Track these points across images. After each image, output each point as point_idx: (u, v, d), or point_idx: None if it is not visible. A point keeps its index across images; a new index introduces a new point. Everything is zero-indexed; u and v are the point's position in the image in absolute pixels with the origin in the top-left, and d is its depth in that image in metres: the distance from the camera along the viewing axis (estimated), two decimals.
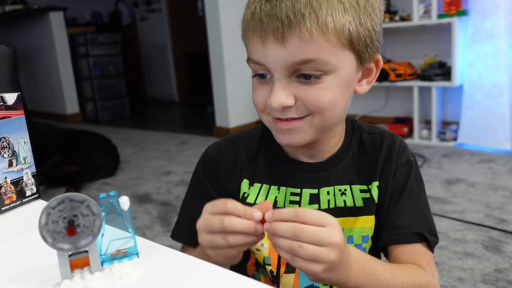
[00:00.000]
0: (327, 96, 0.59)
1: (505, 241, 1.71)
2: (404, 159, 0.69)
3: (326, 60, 0.57)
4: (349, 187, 0.68)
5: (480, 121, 2.90)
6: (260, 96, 0.62)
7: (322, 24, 0.55)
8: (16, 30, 5.47)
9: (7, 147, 0.72)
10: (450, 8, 2.90)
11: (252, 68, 0.62)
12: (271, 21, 0.55)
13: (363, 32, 0.58)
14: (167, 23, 6.39)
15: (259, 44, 0.58)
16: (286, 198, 0.69)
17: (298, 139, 0.62)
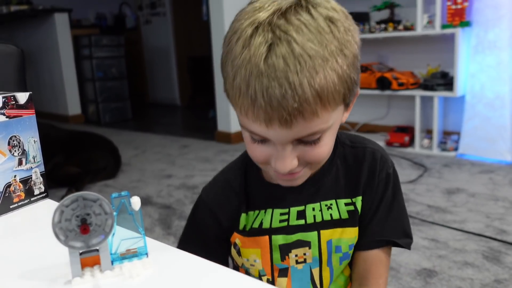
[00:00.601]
0: (326, 150, 0.62)
1: (505, 251, 1.71)
2: (384, 173, 0.74)
3: (326, 127, 0.59)
4: (334, 202, 0.73)
5: (481, 132, 2.91)
6: (260, 154, 0.62)
7: (324, 101, 0.55)
8: (21, 30, 5.50)
9: (18, 146, 0.73)
10: (453, 19, 2.92)
11: (246, 132, 0.62)
12: (277, 112, 0.54)
13: (351, 84, 0.59)
14: (171, 27, 6.42)
15: (262, 125, 0.57)
16: (275, 219, 0.73)
17: (299, 183, 0.66)
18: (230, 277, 0.49)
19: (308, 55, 0.53)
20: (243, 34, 0.56)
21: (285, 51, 0.53)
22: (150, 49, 6.77)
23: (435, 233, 1.90)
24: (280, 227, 0.73)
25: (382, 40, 3.53)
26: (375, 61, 3.56)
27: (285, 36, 0.54)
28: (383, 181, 0.73)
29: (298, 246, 0.73)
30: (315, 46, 0.54)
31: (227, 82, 0.59)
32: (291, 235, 0.73)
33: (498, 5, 2.74)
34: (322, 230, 0.72)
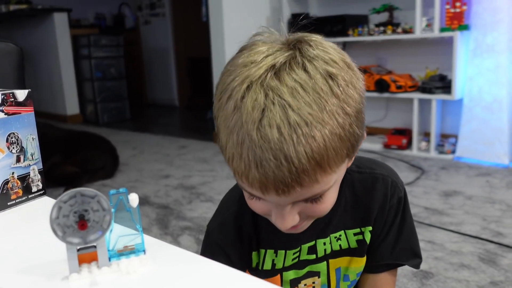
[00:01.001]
0: (328, 205, 0.59)
1: (501, 254, 1.72)
2: (395, 199, 0.71)
3: (328, 187, 0.55)
4: (343, 232, 0.71)
5: (478, 135, 2.92)
6: (260, 208, 0.60)
7: (324, 167, 0.51)
8: (20, 30, 5.50)
9: (16, 143, 0.73)
10: (452, 22, 2.93)
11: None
12: (272, 183, 0.51)
13: (354, 141, 0.54)
14: (170, 28, 6.42)
15: (258, 192, 0.54)
16: (288, 259, 0.71)
17: (299, 230, 0.63)
18: (227, 274, 0.50)
19: (305, 122, 0.49)
20: (234, 94, 0.53)
21: (279, 119, 0.49)
22: (149, 49, 6.77)
23: (432, 235, 1.90)
24: (292, 265, 0.72)
25: (380, 43, 3.55)
26: (374, 63, 3.56)
27: (279, 100, 0.49)
28: (394, 206, 0.71)
29: (308, 277, 0.73)
30: (312, 110, 0.49)
31: (221, 140, 0.55)
32: (302, 269, 0.72)
33: (497, 8, 2.75)
34: (331, 259, 0.72)
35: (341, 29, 3.44)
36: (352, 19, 3.47)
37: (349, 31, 3.43)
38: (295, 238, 0.68)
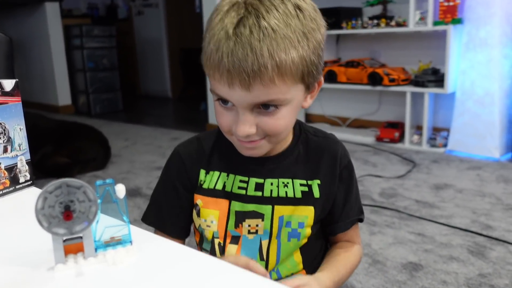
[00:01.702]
0: (283, 123, 0.69)
1: (490, 247, 1.73)
2: (346, 161, 0.81)
3: (284, 98, 0.66)
4: (291, 181, 0.78)
5: (470, 129, 2.93)
6: (225, 121, 0.70)
7: (282, 71, 0.63)
8: (11, 19, 5.43)
9: (3, 133, 0.73)
10: (445, 16, 2.94)
11: (215, 96, 0.70)
12: (238, 73, 0.62)
13: (311, 67, 0.67)
14: (163, 19, 6.38)
15: (225, 87, 0.65)
16: (235, 184, 0.78)
17: (258, 153, 0.73)
18: (213, 263, 0.50)
19: (272, 29, 0.62)
20: (221, 11, 0.66)
21: (252, 22, 0.62)
22: (142, 40, 6.72)
23: (422, 227, 1.92)
24: (239, 194, 0.78)
25: (374, 36, 3.54)
26: (367, 56, 3.56)
27: (255, 12, 0.63)
28: (346, 169, 0.81)
29: (253, 217, 0.78)
30: (280, 24, 0.62)
31: (204, 52, 0.68)
32: (247, 204, 0.78)
33: (490, 2, 2.76)
34: (277, 205, 0.77)
35: (334, 21, 3.43)
36: (346, 12, 3.46)
37: (343, 23, 3.42)
38: (246, 167, 0.78)
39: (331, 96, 3.91)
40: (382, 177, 2.59)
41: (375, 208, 2.14)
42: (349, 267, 0.80)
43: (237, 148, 0.75)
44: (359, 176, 2.60)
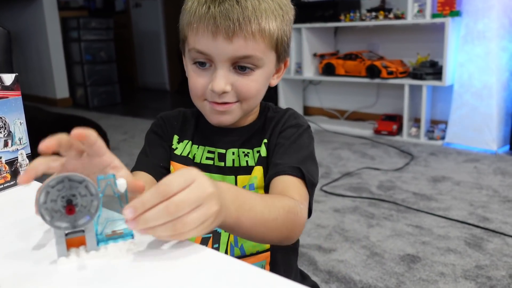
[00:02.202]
0: (255, 86, 0.74)
1: (487, 239, 1.75)
2: (293, 122, 0.81)
3: (260, 57, 0.72)
4: (251, 151, 0.80)
5: (468, 121, 2.94)
6: (199, 82, 0.74)
7: (262, 29, 0.69)
8: (8, 11, 5.40)
9: (3, 127, 0.73)
10: (444, 8, 2.93)
11: (193, 56, 0.73)
12: (224, 20, 0.67)
13: (284, 38, 0.74)
14: (161, 11, 6.34)
15: (209, 38, 0.69)
16: (204, 155, 0.82)
17: (229, 119, 0.76)
18: (213, 257, 0.50)
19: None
20: None
21: None
22: (139, 33, 6.69)
23: (420, 220, 1.93)
24: (207, 165, 0.81)
25: (372, 28, 3.54)
26: (365, 49, 3.56)
27: None
28: (292, 128, 0.79)
29: None
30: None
31: (184, 15, 0.74)
32: (213, 174, 0.80)
33: None
34: (239, 175, 0.79)
35: (332, 14, 3.42)
36: (344, 4, 3.45)
37: (341, 16, 3.41)
38: (211, 138, 0.82)
39: (329, 88, 3.91)
40: (380, 170, 2.60)
41: (373, 201, 2.15)
42: (270, 204, 0.61)
43: (207, 116, 0.78)
44: (357, 169, 2.61)
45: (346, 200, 2.17)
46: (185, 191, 0.46)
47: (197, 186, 0.47)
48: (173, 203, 0.45)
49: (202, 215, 0.47)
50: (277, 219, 0.60)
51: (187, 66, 0.77)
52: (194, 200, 0.46)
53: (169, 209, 0.45)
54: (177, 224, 0.46)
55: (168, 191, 0.46)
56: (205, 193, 0.47)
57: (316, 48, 3.67)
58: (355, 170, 2.60)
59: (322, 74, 3.57)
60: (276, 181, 0.72)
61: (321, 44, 3.70)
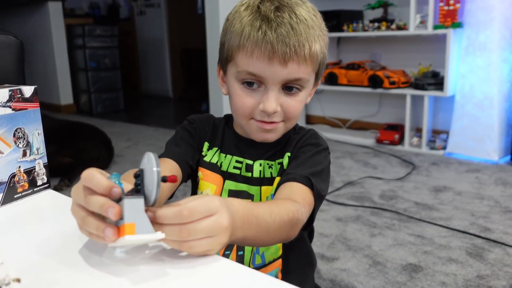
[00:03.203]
0: (300, 107, 0.78)
1: (488, 249, 1.77)
2: (313, 141, 0.84)
3: (308, 79, 0.76)
4: (274, 163, 0.84)
5: (469, 132, 2.96)
6: (249, 102, 0.76)
7: (312, 53, 0.74)
8: (14, 18, 5.46)
9: (22, 138, 0.76)
10: (445, 20, 2.97)
11: (242, 77, 0.76)
12: (281, 46, 0.71)
13: (324, 61, 0.79)
14: (165, 19, 6.40)
15: (264, 62, 0.72)
16: (231, 164, 0.85)
17: (273, 137, 0.80)
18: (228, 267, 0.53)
19: (305, 18, 0.73)
20: (251, 4, 0.76)
21: (288, 11, 0.73)
22: (143, 40, 6.75)
23: (422, 229, 1.95)
24: (233, 174, 0.84)
25: (375, 39, 3.58)
26: (368, 59, 3.60)
27: (288, 5, 0.74)
28: (311, 146, 0.82)
29: (244, 197, 0.83)
30: (308, 17, 0.74)
31: (232, 37, 0.75)
32: (240, 183, 0.84)
33: (490, 7, 2.79)
34: (263, 186, 0.83)
35: (336, 24, 3.46)
36: (347, 15, 3.49)
37: (344, 26, 3.45)
38: (242, 149, 0.85)
39: (331, 98, 3.94)
40: (382, 179, 2.62)
41: (375, 210, 2.17)
42: (275, 213, 0.63)
43: (251, 133, 0.80)
44: (359, 178, 2.63)
45: (349, 209, 2.20)
46: (205, 221, 0.50)
47: (216, 219, 0.51)
48: (187, 229, 0.49)
49: (210, 245, 0.51)
50: (280, 227, 0.64)
51: (231, 86, 0.78)
52: (209, 230, 0.50)
53: (182, 233, 0.49)
54: (184, 245, 0.50)
55: (189, 218, 0.49)
56: (220, 227, 0.51)
57: None
58: (358, 179, 2.63)
59: (324, 83, 3.61)
60: (284, 186, 0.75)
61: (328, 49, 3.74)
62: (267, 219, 0.61)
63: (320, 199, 0.76)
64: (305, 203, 0.71)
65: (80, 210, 0.51)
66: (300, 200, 0.70)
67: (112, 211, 0.48)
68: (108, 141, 3.05)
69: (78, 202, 0.52)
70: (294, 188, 0.73)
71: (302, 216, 0.69)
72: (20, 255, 0.56)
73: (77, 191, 0.52)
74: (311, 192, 0.74)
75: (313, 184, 0.74)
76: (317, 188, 0.74)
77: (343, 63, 3.68)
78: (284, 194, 0.72)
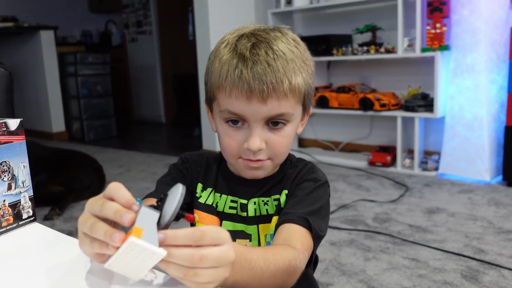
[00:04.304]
0: (286, 142, 0.77)
1: (483, 271, 1.75)
2: (312, 177, 0.83)
3: (292, 113, 0.75)
4: (270, 199, 0.83)
5: (460, 152, 2.98)
6: (234, 141, 0.76)
7: (292, 88, 0.73)
8: (5, 47, 5.48)
9: (7, 171, 0.75)
10: (433, 43, 3.02)
11: (225, 116, 0.75)
12: (258, 84, 0.70)
13: (309, 91, 0.78)
14: (157, 45, 6.46)
15: (243, 101, 0.72)
16: (226, 204, 0.84)
17: (262, 174, 0.79)
18: None
19: (283, 52, 0.73)
20: (229, 41, 0.75)
21: (265, 47, 0.73)
22: (135, 66, 6.79)
23: (416, 252, 1.94)
24: (230, 214, 0.83)
25: (364, 62, 3.62)
26: (358, 82, 3.63)
27: (265, 40, 0.74)
28: (309, 182, 0.81)
29: (242, 237, 0.83)
30: (287, 50, 0.74)
31: (212, 76, 0.75)
32: (237, 223, 0.83)
33: (475, 30, 2.84)
34: (261, 224, 0.82)
35: (325, 48, 3.51)
36: (336, 39, 3.54)
37: (334, 50, 3.50)
38: (236, 189, 0.84)
39: (323, 121, 3.96)
40: (375, 202, 2.61)
41: (369, 233, 2.16)
42: (271, 260, 0.61)
43: (240, 171, 0.80)
44: (352, 201, 2.63)
45: (343, 233, 2.18)
46: (215, 248, 0.49)
47: (226, 249, 0.50)
48: (199, 253, 0.48)
49: (213, 276, 0.49)
50: (274, 275, 0.62)
51: (218, 125, 0.79)
52: (217, 260, 0.49)
53: (194, 257, 0.47)
54: (190, 271, 0.48)
55: (201, 240, 0.48)
56: (228, 259, 0.50)
57: None
58: (351, 202, 2.62)
59: (316, 107, 3.63)
60: (282, 228, 0.73)
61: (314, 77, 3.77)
62: (261, 265, 0.59)
63: (319, 240, 0.76)
64: (303, 248, 0.70)
65: (91, 217, 0.51)
66: (299, 246, 0.70)
67: (127, 216, 0.49)
68: (99, 168, 3.03)
69: (91, 211, 0.52)
70: (292, 231, 0.72)
71: (300, 264, 0.68)
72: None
73: (94, 201, 0.53)
74: (310, 234, 0.73)
75: (311, 226, 0.73)
76: (315, 229, 0.73)
77: (334, 86, 3.71)
78: (283, 238, 0.71)
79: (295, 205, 0.77)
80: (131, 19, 6.69)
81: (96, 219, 0.51)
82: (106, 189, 0.52)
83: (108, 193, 0.52)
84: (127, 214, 0.49)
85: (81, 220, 0.53)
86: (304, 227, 0.73)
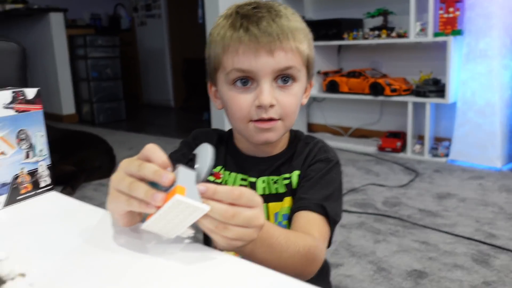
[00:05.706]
0: (295, 101, 0.77)
1: (494, 255, 1.75)
2: (323, 156, 0.82)
3: (299, 69, 0.76)
4: (279, 177, 0.82)
5: (472, 139, 2.96)
6: (245, 102, 0.75)
7: (297, 46, 0.74)
8: (15, 29, 5.48)
9: (25, 139, 0.75)
10: (445, 27, 2.98)
11: (232, 77, 0.75)
12: (265, 37, 0.71)
13: (311, 58, 0.79)
14: (166, 29, 6.44)
15: (250, 55, 0.72)
16: (236, 182, 0.84)
17: (273, 136, 0.77)
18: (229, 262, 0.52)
19: (285, 15, 0.75)
20: (228, 12, 0.76)
21: (267, 8, 0.74)
22: (144, 50, 6.78)
23: (426, 236, 1.94)
24: None
25: (375, 47, 3.59)
26: (369, 67, 3.60)
27: (267, 5, 0.75)
28: (322, 162, 0.81)
29: None
30: (290, 14, 0.76)
31: (216, 44, 0.76)
32: None
33: (489, 14, 2.80)
34: (270, 203, 0.81)
35: (336, 32, 3.48)
36: (347, 23, 3.51)
37: (344, 34, 3.46)
38: (244, 166, 0.84)
39: (333, 106, 3.94)
40: (385, 186, 2.61)
41: (378, 217, 2.16)
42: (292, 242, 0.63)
43: (251, 137, 0.77)
44: (362, 185, 2.62)
45: (352, 215, 2.18)
46: (250, 210, 0.51)
47: (259, 212, 0.53)
48: (233, 210, 0.50)
49: (241, 235, 0.52)
50: (293, 256, 0.63)
51: (225, 93, 0.77)
52: (248, 220, 0.51)
53: (228, 212, 0.50)
54: (221, 225, 0.50)
55: (238, 199, 0.51)
56: (258, 222, 0.53)
57: (320, 66, 3.71)
58: (360, 186, 2.61)
59: (326, 92, 3.61)
60: (299, 215, 0.74)
61: (324, 61, 3.75)
62: (282, 243, 0.61)
63: (335, 224, 0.77)
64: (322, 237, 0.72)
65: (128, 177, 0.52)
66: (317, 234, 0.71)
67: (167, 176, 0.50)
68: (110, 149, 3.05)
69: (127, 171, 0.53)
70: (309, 219, 0.73)
71: (321, 253, 0.69)
72: (24, 252, 0.56)
73: (129, 162, 0.54)
74: (326, 220, 0.75)
75: (327, 213, 0.74)
76: (331, 215, 0.75)
77: (344, 71, 3.68)
78: (300, 226, 0.72)
79: (310, 189, 0.77)
80: (140, 2, 6.66)
81: (133, 178, 0.52)
82: (142, 150, 0.54)
83: (144, 154, 0.53)
84: (167, 175, 0.50)
85: (115, 179, 0.54)
86: (321, 214, 0.74)
